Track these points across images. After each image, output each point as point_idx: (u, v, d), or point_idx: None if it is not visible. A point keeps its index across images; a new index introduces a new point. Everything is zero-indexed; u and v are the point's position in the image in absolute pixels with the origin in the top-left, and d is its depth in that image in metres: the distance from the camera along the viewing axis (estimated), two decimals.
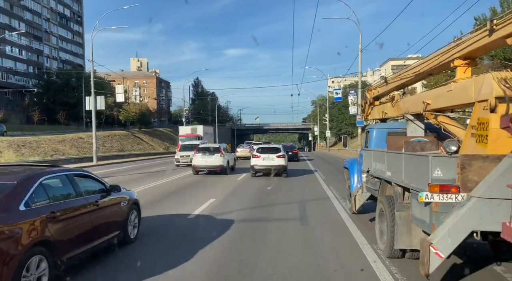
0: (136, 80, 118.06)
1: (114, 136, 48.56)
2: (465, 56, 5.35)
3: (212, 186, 14.97)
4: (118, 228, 6.15)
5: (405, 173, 5.34)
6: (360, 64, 31.37)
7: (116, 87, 34.27)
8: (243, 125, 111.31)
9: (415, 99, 7.14)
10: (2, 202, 4.05)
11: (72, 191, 5.18)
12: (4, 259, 3.65)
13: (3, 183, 4.37)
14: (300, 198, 12.23)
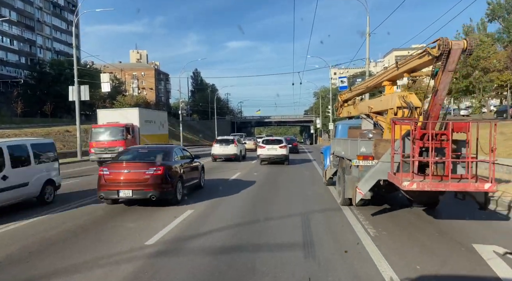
0: (134, 72, 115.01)
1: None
2: (388, 80, 9.09)
3: (235, 167, 19.92)
4: (197, 178, 12.21)
5: (349, 151, 8.85)
6: (367, 49, 28.31)
7: (102, 76, 31.20)
8: (243, 118, 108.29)
9: (365, 104, 10.70)
10: (167, 155, 10.17)
11: (184, 156, 11.51)
12: (171, 179, 9.46)
13: (165, 148, 11.14)
14: (299, 173, 17.92)
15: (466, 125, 6.55)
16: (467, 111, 55.63)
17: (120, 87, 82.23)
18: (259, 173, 17.56)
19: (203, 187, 12.49)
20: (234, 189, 12.26)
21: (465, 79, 32.02)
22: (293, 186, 13.21)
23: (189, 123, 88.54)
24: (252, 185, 13.30)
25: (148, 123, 25.55)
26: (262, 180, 14.94)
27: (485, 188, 6.28)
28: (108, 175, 9.19)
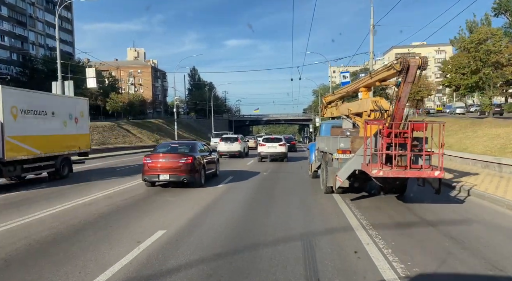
0: (130, 69, 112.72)
1: (96, 128, 43.59)
2: (364, 86, 10.72)
3: (240, 162, 22.11)
4: (214, 168, 14.61)
5: (331, 146, 10.18)
6: (371, 41, 26.24)
7: (87, 70, 29.11)
8: (241, 116, 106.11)
9: (345, 106, 12.35)
10: (193, 148, 12.81)
11: (204, 149, 13.78)
12: (197, 167, 12.02)
13: (191, 143, 13.86)
14: (297, 167, 19.31)
15: (423, 125, 7.96)
16: (463, 109, 53.56)
17: (115, 85, 79.91)
18: (263, 165, 20.23)
19: (218, 176, 15.05)
20: (243, 177, 14.96)
21: (474, 74, 29.97)
22: (290, 176, 15.62)
23: (186, 122, 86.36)
24: (257, 175, 15.91)
25: (31, 116, 13.24)
26: (265, 171, 17.36)
27: (435, 175, 7.82)
28: (150, 163, 11.71)
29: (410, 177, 8.35)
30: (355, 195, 10.10)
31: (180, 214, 7.94)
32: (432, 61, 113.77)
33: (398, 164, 8.03)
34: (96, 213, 8.06)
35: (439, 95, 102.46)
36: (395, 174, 7.91)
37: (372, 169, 7.81)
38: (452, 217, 7.83)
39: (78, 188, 12.09)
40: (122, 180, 13.97)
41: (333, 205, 9.04)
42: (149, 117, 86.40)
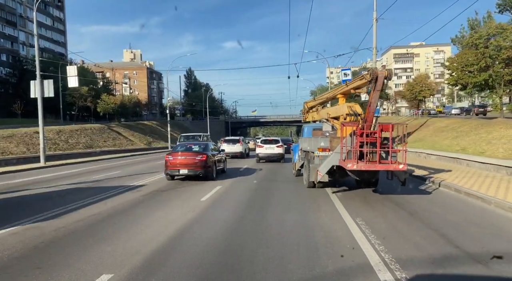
0: (126, 71, 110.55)
1: (85, 130, 41.33)
2: (341, 93, 12.02)
3: (242, 162, 23.66)
4: (222, 165, 16.47)
5: (313, 146, 11.23)
6: (375, 36, 24.20)
7: (68, 68, 26.91)
8: (238, 118, 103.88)
9: (324, 111, 13.62)
10: (206, 148, 14.70)
11: (214, 148, 15.94)
12: (210, 163, 14.15)
13: (204, 143, 15.86)
14: (291, 167, 17.98)
15: (390, 126, 9.39)
16: (458, 110, 51.62)
17: (108, 86, 77.67)
18: (263, 165, 21.89)
19: (226, 172, 17.05)
20: (246, 173, 17.10)
21: (483, 72, 27.90)
22: (286, 173, 17.21)
23: (181, 123, 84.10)
24: (258, 171, 17.95)
25: None
26: (264, 169, 19.28)
27: (400, 168, 9.16)
28: (172, 160, 13.90)
29: (379, 169, 9.64)
30: (353, 201, 9.94)
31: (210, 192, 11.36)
32: (431, 62, 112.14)
33: (369, 160, 9.31)
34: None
35: (438, 95, 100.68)
36: (367, 167, 9.19)
37: (347, 164, 9.14)
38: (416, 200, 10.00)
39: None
40: None
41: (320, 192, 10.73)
42: (144, 119, 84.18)
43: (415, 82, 46.26)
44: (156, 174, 16.71)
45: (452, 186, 11.02)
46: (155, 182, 14.02)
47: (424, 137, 27.86)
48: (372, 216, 7.79)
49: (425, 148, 23.23)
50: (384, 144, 9.41)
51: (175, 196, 10.67)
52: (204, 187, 12.08)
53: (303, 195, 10.77)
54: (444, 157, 18.55)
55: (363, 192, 10.85)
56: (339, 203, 9.19)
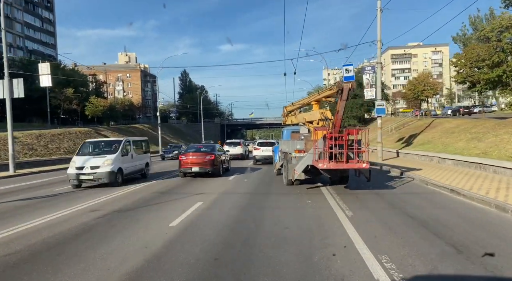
0: (119, 73, 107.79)
1: (69, 135, 38.56)
2: (314, 101, 13.49)
3: (244, 162, 26.38)
4: (227, 164, 19.11)
5: (290, 147, 12.54)
6: (379, 27, 21.68)
7: (39, 66, 24.18)
8: (233, 120, 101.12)
9: (301, 116, 15.04)
10: (213, 149, 17.30)
11: (219, 149, 18.51)
12: (217, 162, 16.67)
13: (211, 145, 18.70)
14: None
15: (354, 131, 10.93)
16: (450, 111, 49.73)
17: (99, 89, 74.88)
18: (260, 165, 23.16)
19: (230, 170, 19.31)
20: (247, 171, 19.21)
21: (496, 67, 25.43)
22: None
23: (175, 126, 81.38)
24: (258, 170, 19.84)
25: None
26: (264, 168, 20.57)
27: (363, 166, 10.39)
28: (185, 160, 16.46)
29: (346, 168, 10.91)
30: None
31: (219, 186, 13.43)
32: (429, 62, 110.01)
33: (338, 160, 10.66)
34: None
35: (437, 96, 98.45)
36: (335, 166, 10.60)
37: (319, 163, 10.56)
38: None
39: None
40: None
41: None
42: (138, 122, 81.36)
43: (417, 81, 43.77)
44: (129, 185, 14.06)
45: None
46: (125, 195, 11.39)
47: (432, 139, 25.31)
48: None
49: (437, 151, 20.67)
50: (351, 146, 10.72)
51: (138, 221, 8.00)
52: (215, 184, 13.59)
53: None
54: (463, 162, 15.97)
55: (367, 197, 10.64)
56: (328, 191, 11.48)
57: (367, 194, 10.75)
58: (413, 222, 7.13)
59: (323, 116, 12.10)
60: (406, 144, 27.40)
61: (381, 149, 22.26)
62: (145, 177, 16.96)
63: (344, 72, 24.66)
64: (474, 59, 27.53)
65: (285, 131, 16.76)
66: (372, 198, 10.10)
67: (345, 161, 10.43)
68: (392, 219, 7.49)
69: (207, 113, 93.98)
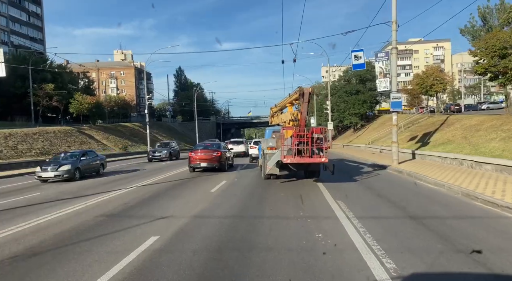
0: (112, 70, 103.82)
1: (46, 134, 34.73)
2: (288, 103, 14.62)
3: (247, 159, 27.26)
4: (230, 161, 20.58)
5: (265, 145, 13.98)
6: (394, 4, 17.91)
7: None
8: (230, 119, 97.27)
9: (280, 117, 16.67)
10: (219, 146, 19.61)
11: (224, 147, 20.83)
12: (223, 158, 18.58)
13: (217, 143, 21.42)
14: None
15: (319, 129, 12.05)
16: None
17: (89, 86, 70.93)
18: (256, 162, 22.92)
19: (233, 166, 21.08)
20: (249, 167, 20.94)
21: None
22: None
23: (168, 125, 77.54)
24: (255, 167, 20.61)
25: None
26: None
27: (322, 160, 11.73)
28: (194, 156, 18.14)
29: (308, 162, 11.91)
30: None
31: (226, 179, 15.05)
32: (430, 58, 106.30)
33: (304, 155, 11.66)
34: None
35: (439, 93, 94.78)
36: (298, 160, 11.66)
37: (285, 159, 11.62)
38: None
39: None
40: None
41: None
42: (132, 120, 77.49)
43: (425, 75, 40.02)
44: (80, 199, 10.33)
45: None
46: (70, 217, 7.68)
47: (453, 138, 21.60)
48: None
49: (465, 153, 16.98)
50: (317, 143, 11.89)
51: None
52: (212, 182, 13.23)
53: None
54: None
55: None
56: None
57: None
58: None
59: (293, 116, 13.45)
60: (422, 144, 23.66)
61: (397, 150, 18.53)
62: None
63: (352, 59, 21.13)
64: (498, 46, 23.81)
65: (267, 131, 17.80)
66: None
67: (309, 156, 11.65)
68: None
69: (203, 112, 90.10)
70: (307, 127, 11.84)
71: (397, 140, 18.94)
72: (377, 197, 10.20)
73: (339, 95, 55.04)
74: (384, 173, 16.41)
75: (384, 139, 34.51)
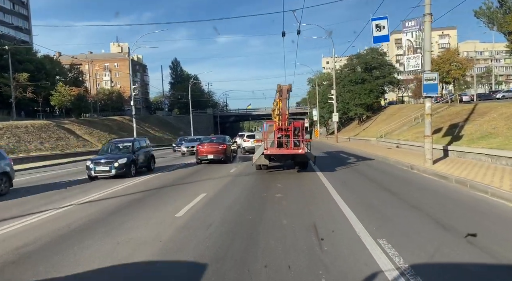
0: (106, 62, 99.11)
1: (14, 129, 30.33)
2: (278, 99, 14.08)
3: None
4: (234, 153, 22.29)
5: (256, 138, 19.35)
6: None
7: None
8: (227, 112, 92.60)
9: (275, 111, 16.06)
10: (225, 140, 20.92)
11: (230, 140, 22.34)
12: (229, 152, 19.94)
13: (222, 136, 22.48)
14: None
15: (300, 123, 13.28)
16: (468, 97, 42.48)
17: (78, 78, 66.31)
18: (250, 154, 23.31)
19: (236, 157, 22.29)
20: (246, 159, 20.63)
21: None
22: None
23: (162, 118, 73.03)
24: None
25: None
26: None
27: (299, 152, 12.51)
28: (201, 149, 19.07)
29: (286, 153, 12.85)
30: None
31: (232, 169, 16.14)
32: (436, 46, 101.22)
33: (286, 147, 12.73)
34: None
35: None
36: (277, 151, 12.75)
37: (265, 150, 12.75)
38: None
39: None
40: None
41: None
42: (128, 114, 72.97)
43: (442, 60, 35.36)
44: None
45: None
46: None
47: (496, 131, 17.19)
48: None
49: None
50: (298, 135, 12.93)
51: None
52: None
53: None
54: None
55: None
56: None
57: None
58: None
59: (278, 111, 13.94)
60: (452, 138, 19.18)
61: (431, 146, 14.09)
62: None
63: (373, 30, 16.63)
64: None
65: (265, 125, 18.48)
66: None
67: (290, 148, 12.65)
68: None
69: (200, 104, 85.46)
70: (289, 121, 13.06)
71: (431, 134, 14.46)
72: (443, 231, 5.77)
73: (343, 84, 50.34)
74: (418, 178, 12.02)
75: (398, 132, 30.04)
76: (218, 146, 19.05)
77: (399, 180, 11.91)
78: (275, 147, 12.73)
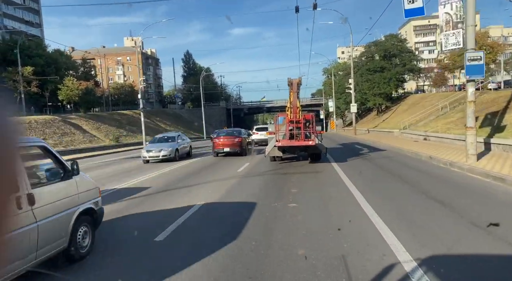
0: (119, 57, 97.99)
1: None
2: (291, 92, 14.15)
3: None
4: (251, 145, 22.96)
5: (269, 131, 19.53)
6: None
7: None
8: (241, 104, 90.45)
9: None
10: (240, 133, 20.88)
11: (246, 133, 23.09)
12: (244, 143, 19.74)
13: (238, 130, 22.39)
14: None
15: (310, 115, 13.81)
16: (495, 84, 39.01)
17: (90, 72, 65.22)
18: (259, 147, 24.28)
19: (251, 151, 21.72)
20: (258, 151, 20.92)
21: None
22: None
23: (176, 112, 71.57)
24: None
25: None
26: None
27: (309, 143, 12.56)
28: (217, 142, 19.32)
29: (297, 145, 13.14)
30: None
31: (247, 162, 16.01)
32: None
33: (297, 139, 13.15)
34: None
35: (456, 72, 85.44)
36: (287, 143, 13.02)
37: (276, 142, 12.88)
38: None
39: None
40: None
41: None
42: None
43: None
44: None
45: None
46: None
47: None
48: None
49: None
50: (308, 127, 13.46)
51: None
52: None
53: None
54: None
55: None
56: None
57: None
58: None
59: (290, 105, 13.82)
60: (492, 129, 16.61)
61: (475, 140, 11.68)
62: None
63: (405, 1, 14.07)
64: None
65: (280, 118, 18.06)
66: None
67: (302, 140, 12.91)
68: None
69: (212, 97, 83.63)
70: (301, 113, 13.45)
71: (475, 125, 12.02)
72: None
73: (361, 73, 47.44)
74: (464, 179, 9.69)
75: (423, 123, 27.38)
76: (234, 139, 19.31)
77: (441, 182, 9.59)
78: (287, 139, 13.24)
